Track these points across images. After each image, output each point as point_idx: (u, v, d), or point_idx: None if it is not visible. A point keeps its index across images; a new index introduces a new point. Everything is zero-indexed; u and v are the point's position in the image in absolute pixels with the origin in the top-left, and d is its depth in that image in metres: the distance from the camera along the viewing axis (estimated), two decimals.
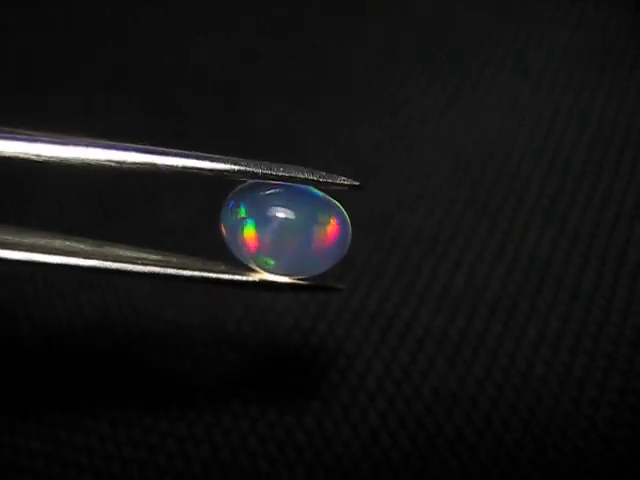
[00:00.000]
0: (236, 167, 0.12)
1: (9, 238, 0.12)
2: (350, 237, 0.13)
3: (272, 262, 0.13)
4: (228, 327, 0.20)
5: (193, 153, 0.12)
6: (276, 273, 0.13)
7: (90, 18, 0.31)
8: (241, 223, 0.13)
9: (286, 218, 0.12)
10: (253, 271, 0.13)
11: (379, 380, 0.19)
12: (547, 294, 0.20)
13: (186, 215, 0.23)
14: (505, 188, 0.23)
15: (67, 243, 0.13)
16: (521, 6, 0.28)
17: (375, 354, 0.19)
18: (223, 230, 0.13)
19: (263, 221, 0.12)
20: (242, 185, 0.13)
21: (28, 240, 0.12)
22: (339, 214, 0.13)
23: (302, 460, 0.17)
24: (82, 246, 0.13)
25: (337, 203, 0.13)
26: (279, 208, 0.12)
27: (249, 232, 0.12)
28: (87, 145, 0.11)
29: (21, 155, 0.11)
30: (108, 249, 0.13)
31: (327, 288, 0.14)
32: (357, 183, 0.13)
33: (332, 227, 0.13)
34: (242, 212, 0.13)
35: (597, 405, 0.18)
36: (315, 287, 0.14)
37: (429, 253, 0.21)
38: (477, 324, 0.19)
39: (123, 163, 0.11)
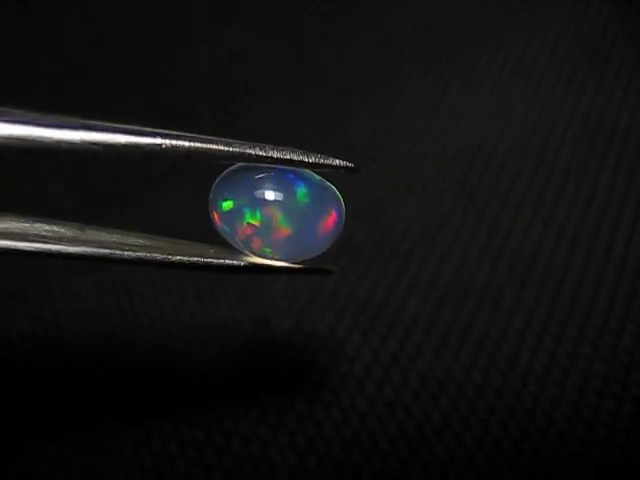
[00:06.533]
0: (230, 148, 0.11)
1: None
2: (344, 219, 0.13)
3: (268, 250, 0.12)
4: (223, 311, 0.20)
5: (185, 134, 0.11)
6: (272, 258, 0.13)
7: (89, 19, 0.32)
8: (236, 213, 0.12)
9: (281, 202, 0.12)
10: (246, 255, 0.13)
11: (368, 366, 0.19)
12: (533, 285, 0.20)
13: (180, 208, 0.23)
14: (493, 181, 0.23)
15: (47, 227, 0.12)
16: (512, 5, 0.29)
17: (364, 340, 0.19)
18: (216, 219, 0.13)
19: (256, 207, 0.12)
20: (230, 169, 0.12)
21: (6, 225, 0.12)
22: (335, 197, 0.13)
23: (294, 446, 0.18)
24: (63, 230, 0.12)
25: (332, 186, 0.13)
26: (273, 193, 0.12)
27: (244, 220, 0.12)
28: (78, 127, 0.11)
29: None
30: (91, 232, 0.12)
31: (320, 270, 0.14)
32: (351, 165, 0.12)
33: (329, 210, 0.12)
34: (231, 202, 0.12)
35: (581, 391, 0.18)
36: (309, 270, 0.13)
37: (418, 244, 0.21)
38: (464, 313, 0.20)
39: (114, 145, 0.11)
